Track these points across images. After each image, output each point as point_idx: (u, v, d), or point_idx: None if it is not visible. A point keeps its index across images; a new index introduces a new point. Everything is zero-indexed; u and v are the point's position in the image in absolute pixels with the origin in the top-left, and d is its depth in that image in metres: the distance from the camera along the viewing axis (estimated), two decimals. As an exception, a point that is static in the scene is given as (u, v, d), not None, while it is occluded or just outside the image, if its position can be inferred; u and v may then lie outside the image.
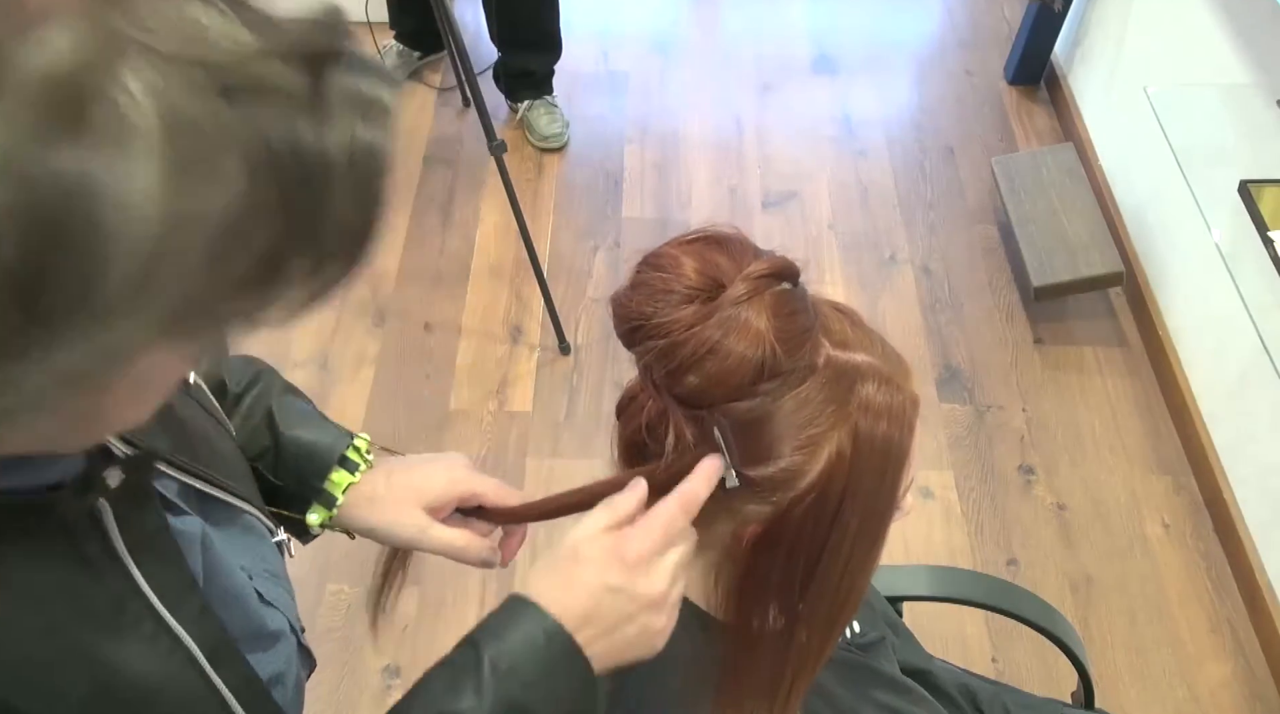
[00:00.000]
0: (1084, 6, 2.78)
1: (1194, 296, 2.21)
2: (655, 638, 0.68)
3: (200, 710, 0.61)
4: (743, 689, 0.72)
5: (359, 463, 0.85)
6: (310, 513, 0.84)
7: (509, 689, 0.63)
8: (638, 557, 0.65)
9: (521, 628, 0.65)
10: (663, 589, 0.66)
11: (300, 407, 0.87)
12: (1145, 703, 1.82)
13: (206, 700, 0.61)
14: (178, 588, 0.60)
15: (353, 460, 0.85)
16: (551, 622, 0.64)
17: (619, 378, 2.24)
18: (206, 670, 0.61)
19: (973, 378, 2.29)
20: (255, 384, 0.87)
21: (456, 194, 2.63)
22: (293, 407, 0.87)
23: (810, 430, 0.64)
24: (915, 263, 2.52)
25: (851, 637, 0.91)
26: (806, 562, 0.67)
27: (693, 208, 2.64)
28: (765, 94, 2.96)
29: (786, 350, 0.62)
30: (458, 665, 0.65)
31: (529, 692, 0.63)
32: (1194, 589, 1.97)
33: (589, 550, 0.66)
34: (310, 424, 0.86)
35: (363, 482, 0.84)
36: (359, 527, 0.84)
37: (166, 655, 0.59)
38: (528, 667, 0.63)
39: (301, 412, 0.87)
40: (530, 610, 0.65)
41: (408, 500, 0.82)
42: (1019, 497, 2.10)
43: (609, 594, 0.65)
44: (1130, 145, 2.51)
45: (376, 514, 0.83)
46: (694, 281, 0.63)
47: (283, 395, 0.88)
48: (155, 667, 0.58)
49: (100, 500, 0.55)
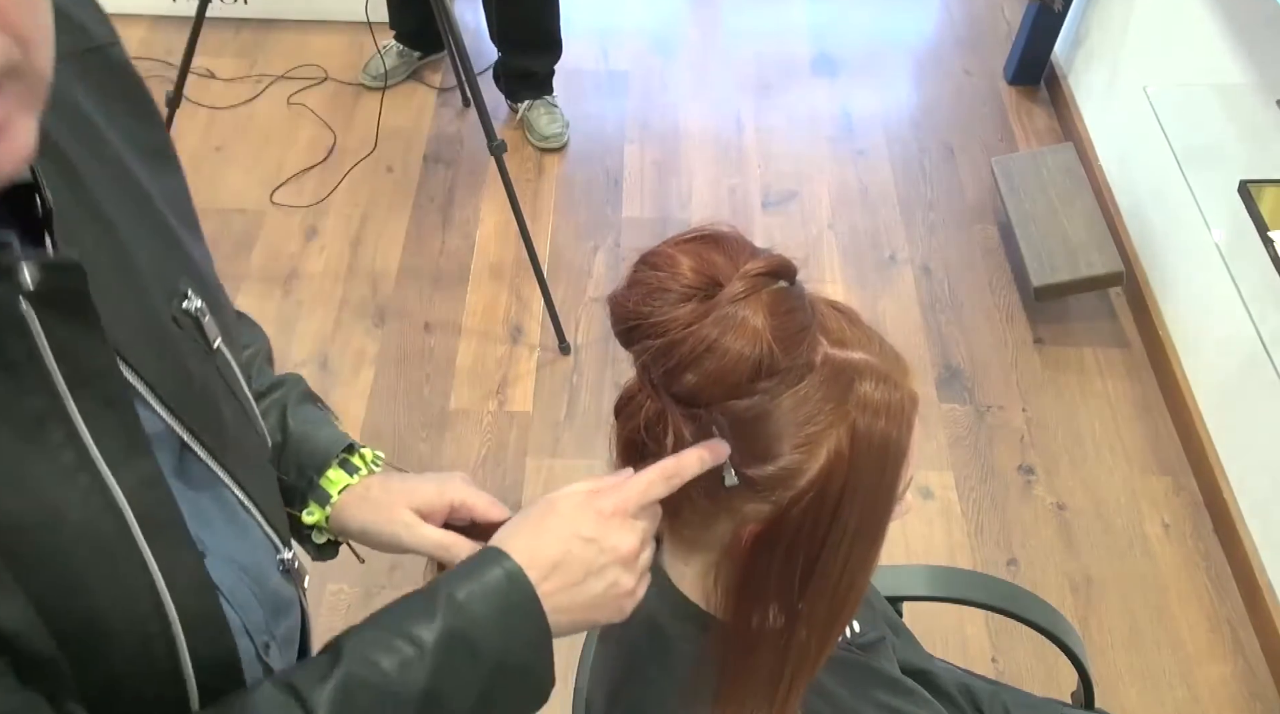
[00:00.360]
0: (1084, 6, 2.78)
1: (1194, 297, 2.21)
2: (623, 600, 0.68)
3: (114, 571, 0.57)
4: (743, 688, 0.72)
5: (360, 467, 0.85)
6: (306, 512, 0.84)
7: (459, 621, 0.63)
8: (613, 510, 0.66)
9: (487, 570, 0.65)
10: (634, 546, 0.67)
11: (315, 412, 0.88)
12: (1145, 703, 1.82)
13: (126, 562, 0.58)
14: (122, 443, 0.57)
15: (354, 464, 0.85)
16: (515, 565, 0.65)
17: (619, 378, 2.24)
18: (136, 536, 0.58)
19: (973, 378, 2.29)
20: (278, 387, 0.88)
21: (456, 194, 2.63)
22: (308, 411, 0.87)
23: (809, 429, 0.64)
24: (915, 263, 2.52)
25: (851, 636, 0.91)
26: (806, 560, 0.67)
27: (693, 207, 2.64)
28: (765, 94, 2.96)
29: (784, 348, 0.62)
30: (419, 594, 0.66)
31: (478, 628, 0.64)
32: (1194, 589, 1.97)
33: (564, 503, 0.68)
34: (320, 425, 0.86)
35: (359, 484, 0.84)
36: (352, 527, 0.84)
37: (84, 495, 0.56)
38: (483, 604, 0.64)
39: (315, 416, 0.87)
40: (498, 555, 0.66)
41: (398, 502, 0.82)
42: (1019, 497, 2.10)
43: (580, 543, 0.66)
44: (1130, 145, 2.51)
45: (367, 512, 0.83)
46: (691, 280, 0.63)
47: (301, 401, 0.88)
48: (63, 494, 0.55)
49: (20, 299, 0.52)
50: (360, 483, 0.84)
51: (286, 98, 2.81)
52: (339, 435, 0.86)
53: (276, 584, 0.77)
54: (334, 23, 3.04)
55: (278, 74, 2.87)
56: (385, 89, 2.82)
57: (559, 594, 0.66)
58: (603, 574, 0.66)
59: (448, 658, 0.63)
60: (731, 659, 0.72)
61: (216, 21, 2.88)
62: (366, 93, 2.85)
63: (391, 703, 0.62)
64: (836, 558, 0.67)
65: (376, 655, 0.63)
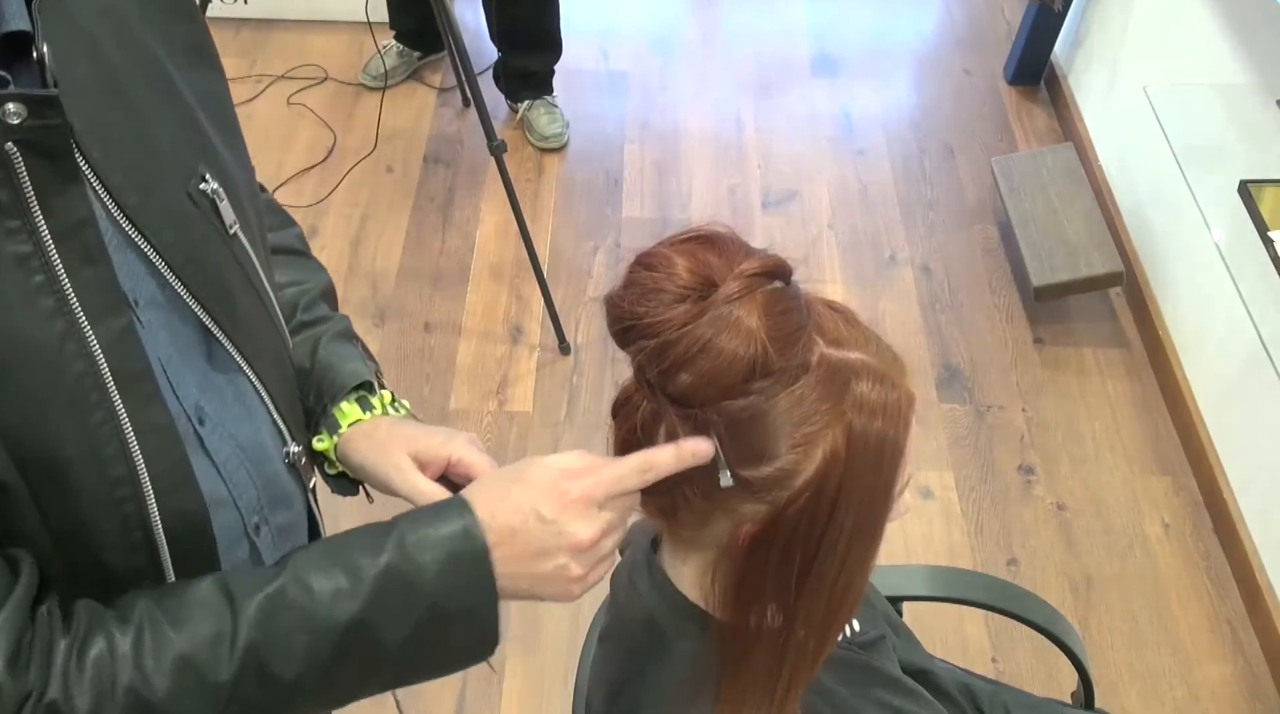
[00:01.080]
0: (1084, 6, 2.78)
1: (1194, 296, 2.21)
2: (571, 585, 0.68)
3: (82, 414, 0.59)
4: (742, 687, 0.72)
5: (375, 407, 0.86)
6: (317, 438, 0.85)
7: (403, 563, 0.64)
8: (578, 495, 0.66)
9: (447, 519, 0.66)
10: (591, 536, 0.66)
11: (346, 347, 0.89)
12: (1145, 703, 1.82)
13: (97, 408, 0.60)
14: (101, 297, 0.59)
15: (370, 402, 0.86)
16: (474, 520, 0.65)
17: (619, 378, 2.24)
18: (107, 384, 0.60)
19: (973, 378, 2.29)
20: (323, 322, 0.89)
21: (456, 194, 2.63)
22: (340, 345, 0.88)
23: (805, 429, 0.64)
24: (915, 263, 2.52)
25: (851, 635, 0.91)
26: (803, 560, 0.67)
27: (693, 208, 2.64)
28: (765, 94, 2.96)
29: (778, 349, 0.62)
30: (377, 527, 0.67)
31: (420, 573, 0.64)
32: (1194, 589, 1.97)
33: (535, 475, 0.67)
34: (347, 359, 0.87)
35: (369, 421, 0.84)
36: (353, 460, 0.84)
37: (60, 340, 0.58)
38: (432, 551, 0.65)
39: (345, 350, 0.88)
40: (461, 507, 0.66)
41: (399, 445, 0.82)
42: (1019, 497, 2.10)
43: (537, 522, 0.66)
44: (1130, 145, 2.51)
45: (365, 449, 0.83)
46: (686, 281, 0.63)
47: (337, 337, 0.89)
48: (40, 335, 0.57)
49: (7, 144, 0.54)
50: (370, 420, 0.84)
51: (286, 98, 2.82)
52: (361, 371, 0.87)
53: (277, 472, 0.78)
54: (334, 23, 3.04)
55: (278, 74, 2.87)
56: (385, 89, 2.82)
57: (510, 561, 0.66)
58: (552, 556, 0.66)
59: (381, 595, 0.64)
60: (730, 658, 0.72)
61: (216, 21, 2.88)
62: (366, 93, 2.85)
63: (312, 627, 0.63)
64: (834, 558, 0.67)
65: (313, 578, 0.64)
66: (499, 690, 1.80)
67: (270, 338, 0.77)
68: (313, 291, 0.91)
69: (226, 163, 0.73)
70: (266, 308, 0.76)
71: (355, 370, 0.86)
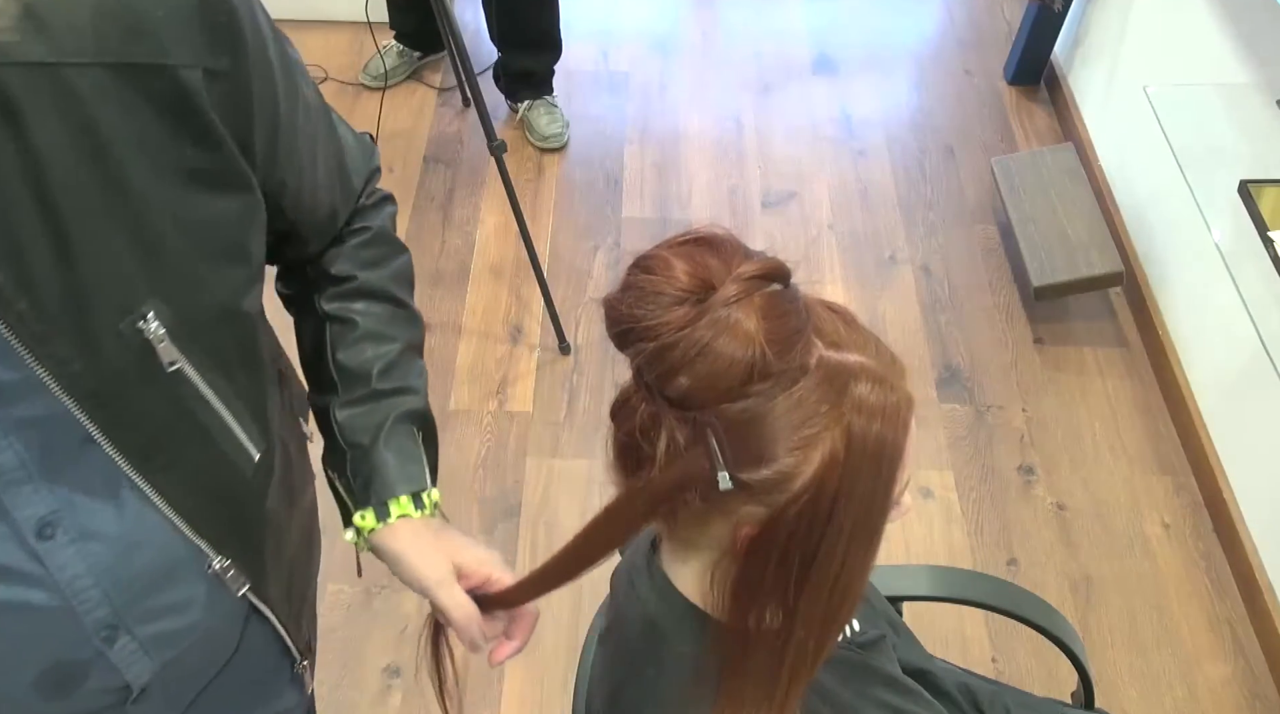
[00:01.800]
0: (1084, 6, 2.78)
1: (1194, 296, 2.21)
2: None
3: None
4: (742, 688, 0.72)
5: (427, 506, 0.90)
6: (360, 515, 0.88)
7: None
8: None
9: None
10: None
11: (409, 444, 0.91)
12: (1145, 703, 1.82)
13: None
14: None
15: (424, 501, 0.90)
16: None
17: (619, 378, 2.24)
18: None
19: (973, 378, 2.29)
20: (396, 396, 0.91)
21: (456, 194, 2.63)
22: (406, 442, 0.91)
23: (804, 431, 0.64)
24: (915, 263, 2.52)
25: (851, 635, 0.90)
26: (802, 561, 0.67)
27: (693, 208, 2.64)
28: (765, 94, 2.96)
29: (777, 351, 0.62)
30: None
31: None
32: (1194, 589, 1.97)
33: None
34: (409, 458, 0.90)
35: (420, 520, 0.89)
36: (392, 549, 0.88)
37: None
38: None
39: (408, 447, 0.91)
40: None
41: (446, 551, 0.88)
42: (1019, 497, 2.10)
43: None
44: (1130, 145, 2.51)
45: (414, 546, 0.88)
46: (684, 283, 0.63)
47: (404, 420, 0.91)
48: None
49: None
50: (421, 519, 0.89)
51: (286, 98, 2.81)
52: (420, 477, 0.90)
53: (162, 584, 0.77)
54: (334, 23, 3.04)
55: (278, 74, 2.87)
56: (385, 89, 2.82)
57: None
58: None
59: None
60: (730, 659, 0.72)
61: (216, 22, 2.88)
62: (366, 93, 2.85)
63: None
64: (832, 560, 0.67)
65: None
66: (499, 691, 1.80)
67: (208, 464, 0.76)
68: (390, 355, 0.91)
69: (199, 294, 0.71)
70: (213, 438, 0.76)
71: (414, 475, 0.90)
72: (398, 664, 1.82)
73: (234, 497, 0.80)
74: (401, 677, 1.81)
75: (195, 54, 0.64)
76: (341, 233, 0.91)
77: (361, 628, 1.85)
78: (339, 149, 0.87)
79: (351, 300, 0.90)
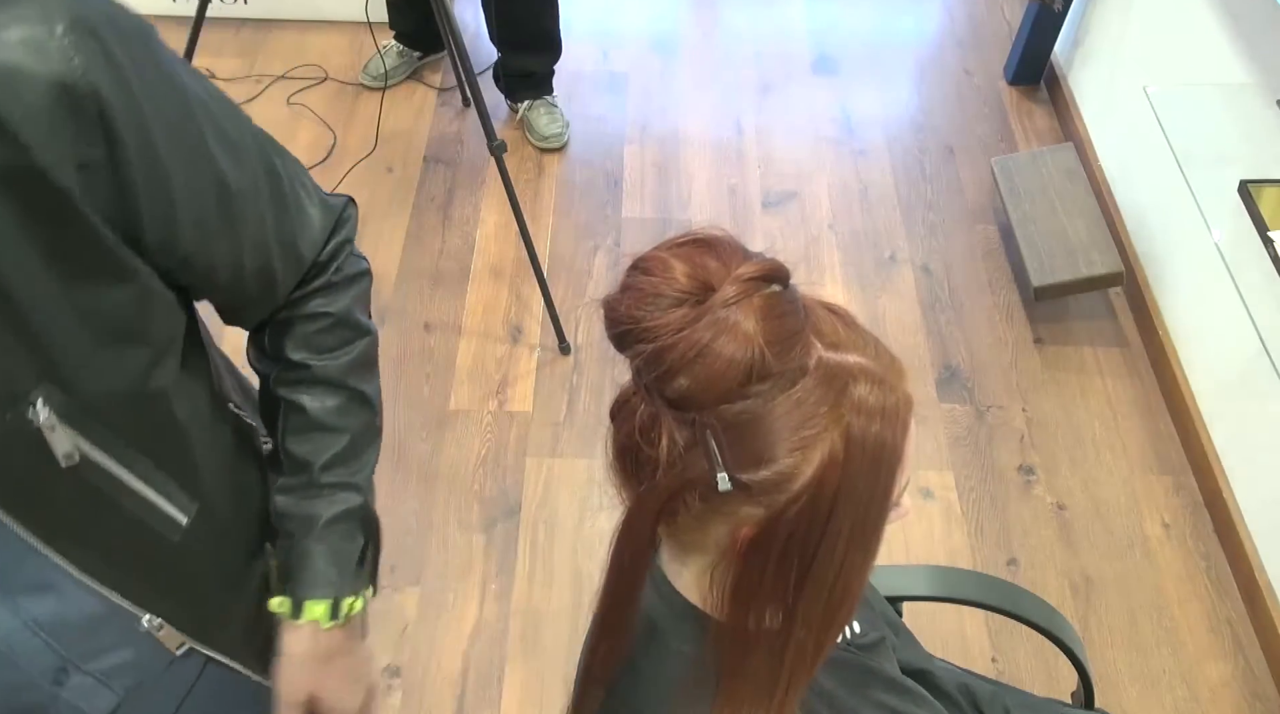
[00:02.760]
0: (1084, 6, 2.78)
1: (1194, 296, 2.21)
2: None
3: None
4: (741, 689, 0.72)
5: (341, 617, 0.90)
6: (278, 601, 0.90)
7: None
8: None
9: None
10: None
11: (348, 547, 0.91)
12: (1145, 703, 1.82)
13: None
14: None
15: (340, 610, 0.90)
16: None
17: (619, 378, 2.24)
18: None
19: (973, 378, 2.29)
20: (333, 491, 0.90)
21: (456, 194, 2.63)
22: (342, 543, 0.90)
23: (803, 433, 0.64)
24: (915, 263, 2.52)
25: (851, 637, 0.90)
26: (801, 562, 0.67)
27: (693, 208, 2.64)
28: (765, 94, 2.96)
29: (775, 353, 0.62)
30: None
31: None
32: (1194, 589, 1.97)
33: None
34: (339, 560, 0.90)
35: (325, 633, 0.90)
36: (283, 645, 0.90)
37: None
38: None
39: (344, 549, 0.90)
40: None
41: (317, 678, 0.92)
42: (1019, 497, 2.10)
43: None
44: (1130, 145, 2.51)
45: (297, 657, 0.90)
46: (683, 285, 0.63)
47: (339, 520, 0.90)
48: None
49: None
50: (327, 633, 0.90)
51: (286, 98, 2.82)
52: (341, 584, 0.90)
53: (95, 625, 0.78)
54: (334, 23, 3.04)
55: (278, 74, 2.87)
56: (385, 89, 2.82)
57: None
58: None
59: None
60: (729, 659, 0.72)
61: (216, 21, 2.88)
62: (366, 93, 2.85)
63: None
64: (831, 561, 0.67)
65: None
66: (499, 691, 1.80)
67: (125, 538, 0.76)
68: (336, 448, 0.90)
69: (94, 379, 0.69)
70: (126, 513, 0.75)
71: (334, 579, 0.89)
72: (398, 664, 1.82)
73: (160, 562, 0.79)
74: (401, 677, 1.81)
75: (61, 150, 0.61)
76: (297, 300, 0.86)
77: (361, 628, 1.85)
78: (287, 221, 0.81)
79: (304, 389, 0.88)
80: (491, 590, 1.92)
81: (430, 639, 1.85)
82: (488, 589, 1.92)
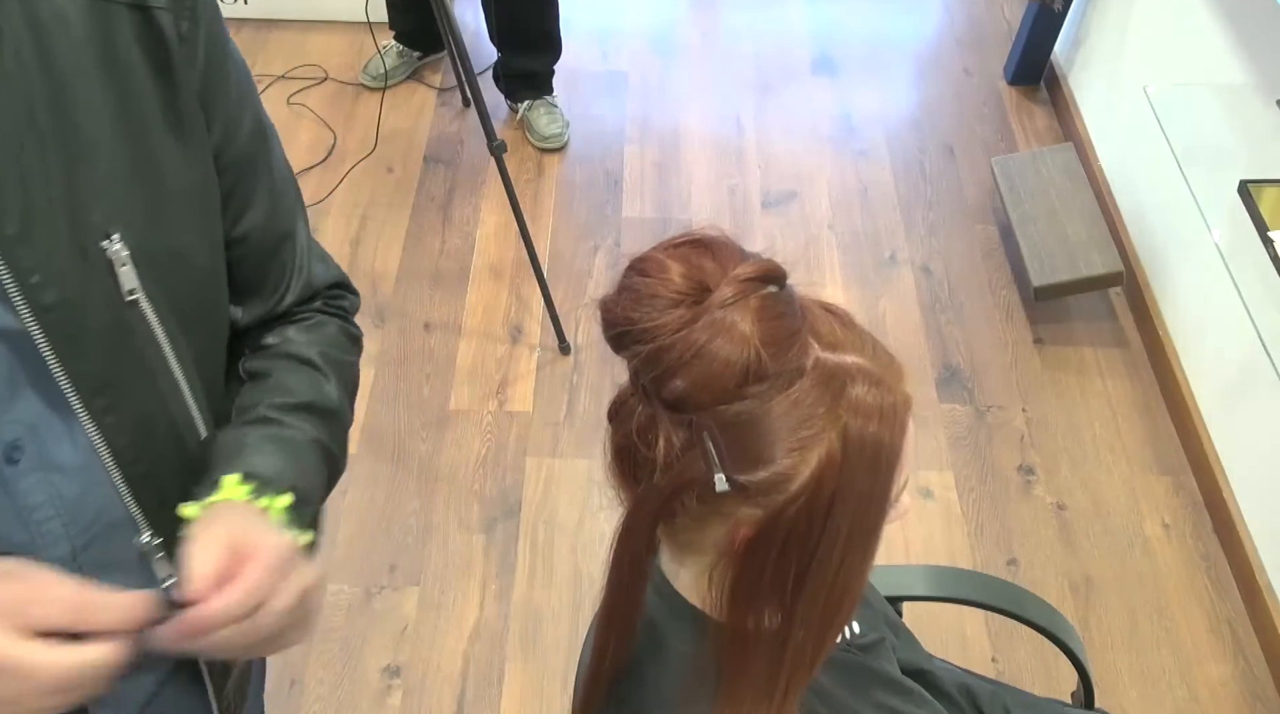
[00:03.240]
0: (1084, 6, 2.78)
1: (1194, 296, 2.21)
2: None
3: None
4: (741, 689, 0.72)
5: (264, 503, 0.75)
6: (186, 505, 0.75)
7: None
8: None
9: None
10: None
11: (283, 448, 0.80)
12: (1145, 703, 1.82)
13: None
14: None
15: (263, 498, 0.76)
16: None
17: (619, 378, 2.23)
18: None
19: (973, 378, 2.29)
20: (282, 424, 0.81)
21: (456, 194, 2.63)
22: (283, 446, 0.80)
23: (800, 433, 0.64)
24: (915, 263, 2.52)
25: (851, 637, 0.90)
26: (800, 563, 0.67)
27: (693, 208, 2.64)
28: (765, 94, 2.96)
29: (772, 353, 0.62)
30: None
31: None
32: (1194, 589, 1.97)
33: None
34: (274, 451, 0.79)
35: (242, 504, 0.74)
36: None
37: None
38: None
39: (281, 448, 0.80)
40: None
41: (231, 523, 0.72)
42: (1019, 497, 2.10)
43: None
44: (1130, 145, 2.51)
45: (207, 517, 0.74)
46: (680, 286, 0.63)
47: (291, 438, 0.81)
48: None
49: None
50: (243, 504, 0.74)
51: (286, 98, 2.82)
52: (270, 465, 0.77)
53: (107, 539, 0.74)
54: (334, 23, 3.04)
55: (278, 74, 2.88)
56: (385, 89, 2.82)
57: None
58: None
59: None
60: (729, 660, 0.72)
61: (217, 22, 2.88)
62: (366, 93, 2.85)
63: None
64: (830, 561, 0.67)
65: None
66: (499, 691, 1.80)
67: (152, 421, 0.74)
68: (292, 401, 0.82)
69: (165, 232, 0.71)
70: (160, 391, 0.73)
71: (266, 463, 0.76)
72: (398, 664, 1.82)
73: (176, 466, 0.76)
74: (401, 677, 1.81)
75: (170, 17, 0.69)
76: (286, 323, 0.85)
77: (361, 628, 1.85)
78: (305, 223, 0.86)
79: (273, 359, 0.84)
80: (491, 590, 1.92)
81: (430, 639, 1.85)
82: (488, 589, 1.92)
